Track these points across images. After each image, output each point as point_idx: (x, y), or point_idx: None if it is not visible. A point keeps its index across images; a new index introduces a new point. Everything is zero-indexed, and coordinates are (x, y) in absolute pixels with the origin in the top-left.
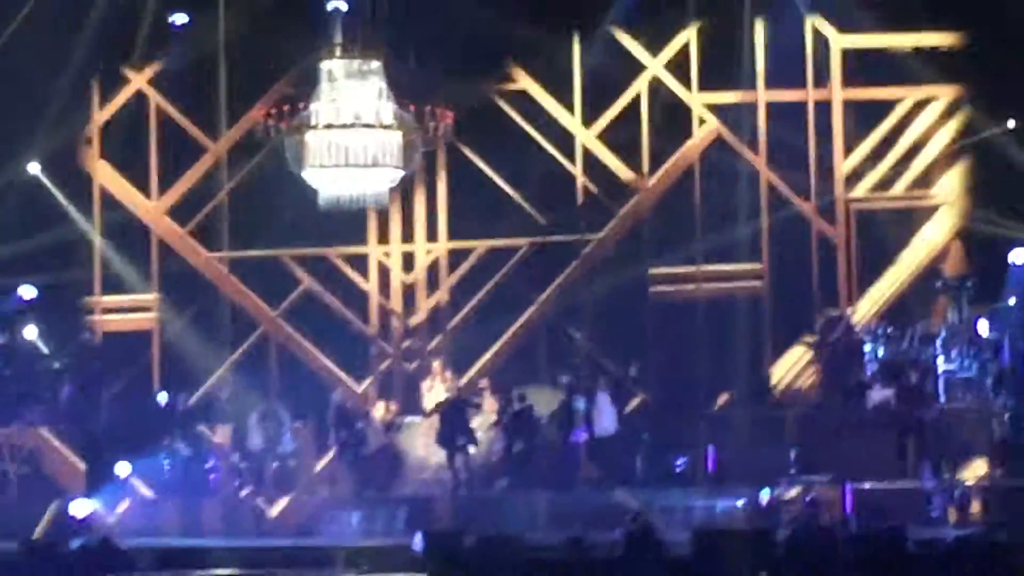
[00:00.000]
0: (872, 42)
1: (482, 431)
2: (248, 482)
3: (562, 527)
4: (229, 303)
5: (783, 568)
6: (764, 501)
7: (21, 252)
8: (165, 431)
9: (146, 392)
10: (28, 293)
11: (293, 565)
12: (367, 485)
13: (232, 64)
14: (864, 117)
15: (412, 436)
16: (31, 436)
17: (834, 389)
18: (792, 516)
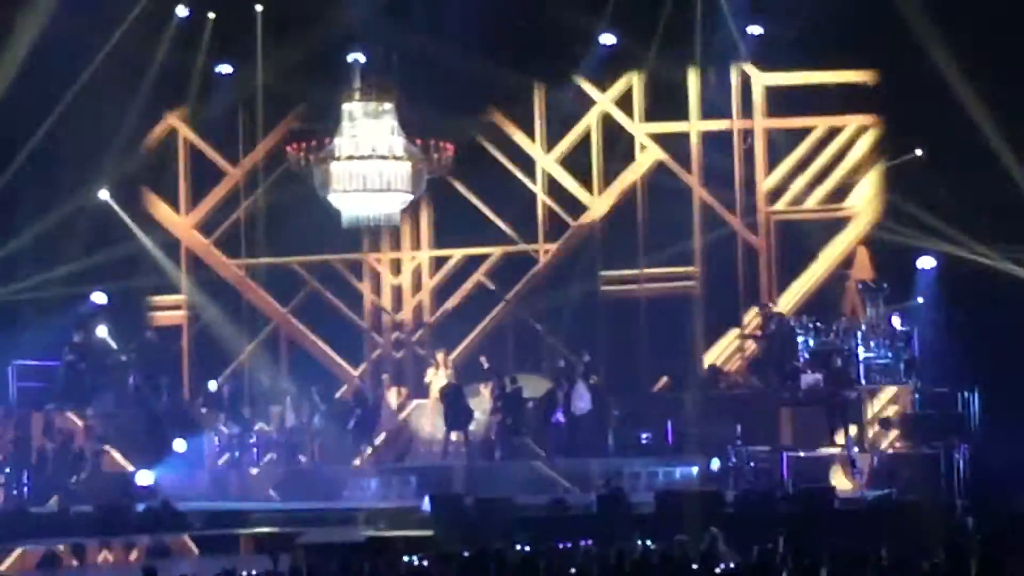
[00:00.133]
0: (790, 79)
1: (480, 412)
2: (283, 455)
3: (546, 490)
4: (247, 302)
5: (731, 523)
6: (715, 468)
7: (93, 265)
8: (215, 413)
9: (198, 380)
10: (100, 299)
11: (321, 524)
12: (383, 457)
13: (266, 104)
14: (789, 141)
15: (421, 416)
16: (103, 420)
17: (772, 373)
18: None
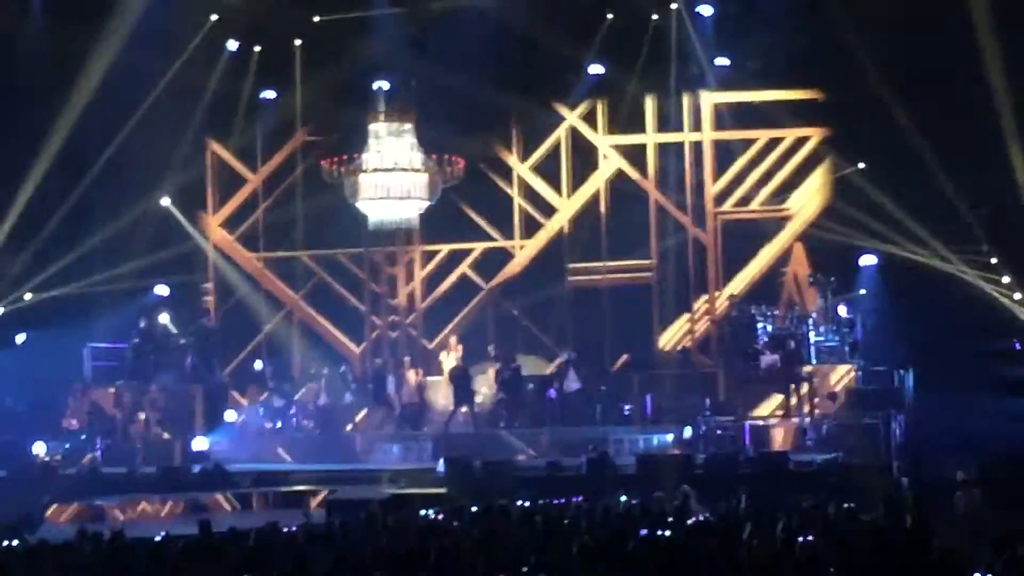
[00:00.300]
0: (733, 97)
1: (486, 388)
2: (319, 425)
3: (543, 455)
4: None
5: (701, 482)
6: (687, 435)
7: (156, 261)
8: (260, 389)
9: (248, 360)
10: (162, 291)
11: (351, 482)
12: (403, 426)
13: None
14: (734, 150)
15: (435, 392)
16: (165, 395)
17: (735, 354)
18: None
